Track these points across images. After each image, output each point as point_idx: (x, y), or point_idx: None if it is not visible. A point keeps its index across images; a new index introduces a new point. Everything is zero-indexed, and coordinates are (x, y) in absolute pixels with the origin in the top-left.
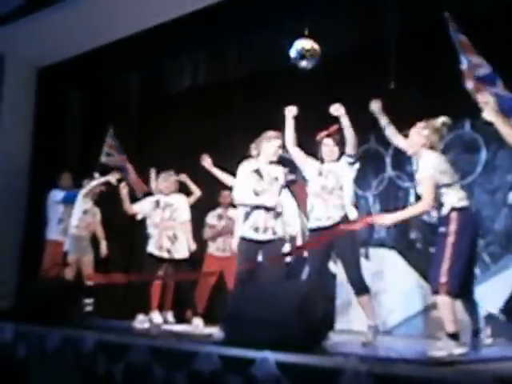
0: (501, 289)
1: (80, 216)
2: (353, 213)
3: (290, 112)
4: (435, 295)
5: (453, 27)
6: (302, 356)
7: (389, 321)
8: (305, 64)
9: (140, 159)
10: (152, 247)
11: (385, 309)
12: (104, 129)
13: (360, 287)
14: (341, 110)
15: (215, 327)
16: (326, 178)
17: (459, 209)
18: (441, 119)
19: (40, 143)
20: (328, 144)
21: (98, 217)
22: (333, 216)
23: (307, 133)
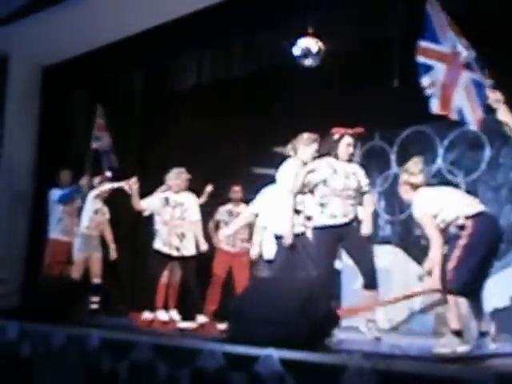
0: (506, 284)
1: (91, 215)
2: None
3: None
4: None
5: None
6: (306, 353)
7: (394, 317)
8: (308, 62)
9: (144, 157)
10: (160, 244)
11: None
12: (108, 126)
13: (372, 280)
14: None
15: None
16: (348, 179)
17: (473, 215)
18: (412, 160)
19: (45, 142)
20: (349, 143)
21: (107, 216)
22: (348, 215)
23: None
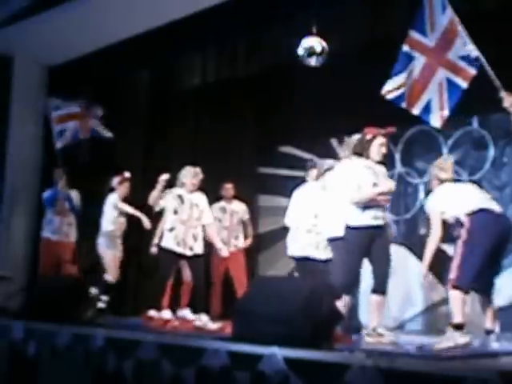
0: (510, 283)
1: (114, 216)
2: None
3: None
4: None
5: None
6: (310, 352)
7: (399, 316)
8: (312, 61)
9: (149, 156)
10: (172, 242)
11: (395, 304)
12: (113, 126)
13: (383, 285)
14: None
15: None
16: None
17: (472, 213)
18: (442, 157)
19: (51, 142)
20: (382, 143)
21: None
22: (384, 217)
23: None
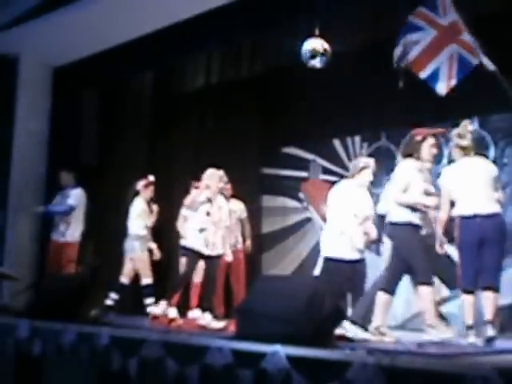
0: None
1: (141, 217)
2: None
3: None
4: None
5: None
6: (312, 350)
7: (400, 315)
8: (315, 63)
9: (153, 156)
10: (200, 243)
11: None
12: (118, 126)
13: (394, 287)
14: None
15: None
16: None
17: (462, 217)
18: (461, 125)
19: (56, 142)
20: (433, 144)
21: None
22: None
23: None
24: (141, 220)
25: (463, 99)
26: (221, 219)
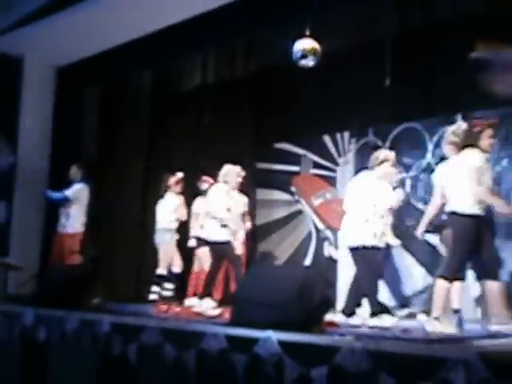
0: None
1: (175, 214)
2: None
3: None
4: None
5: None
6: (302, 335)
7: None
8: (306, 62)
9: (152, 153)
10: (226, 234)
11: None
12: (118, 123)
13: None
14: None
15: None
16: None
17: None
18: (457, 123)
19: (58, 138)
20: (491, 134)
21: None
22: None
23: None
24: (172, 214)
25: (447, 96)
26: (238, 214)
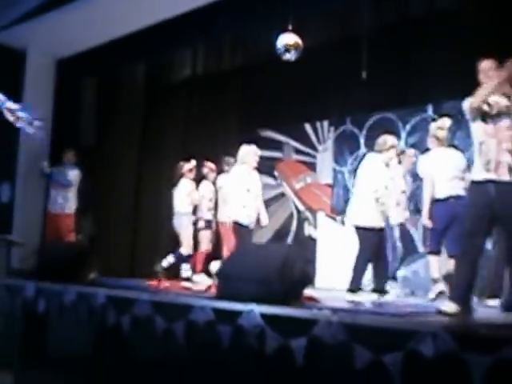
0: None
1: (185, 196)
2: None
3: None
4: None
5: None
6: (283, 308)
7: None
8: (289, 56)
9: (145, 139)
10: (245, 219)
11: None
12: (114, 111)
13: None
14: None
15: None
16: None
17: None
18: (443, 118)
19: (58, 124)
20: None
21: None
22: None
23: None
24: (187, 198)
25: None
26: (257, 194)
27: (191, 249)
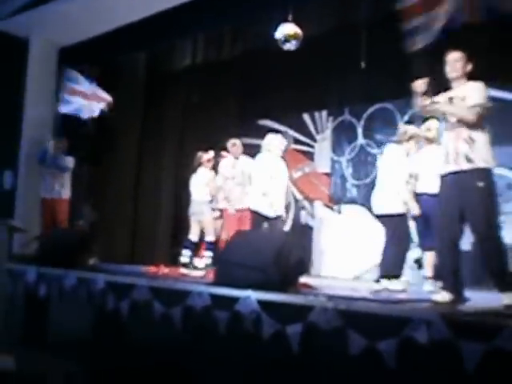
0: None
1: (209, 187)
2: None
3: None
4: None
5: None
6: (279, 295)
7: (359, 267)
8: (288, 46)
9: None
10: (263, 206)
11: (356, 256)
12: (115, 99)
13: None
14: None
15: None
16: None
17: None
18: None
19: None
20: None
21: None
22: None
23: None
24: (207, 187)
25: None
26: (282, 182)
27: (213, 236)
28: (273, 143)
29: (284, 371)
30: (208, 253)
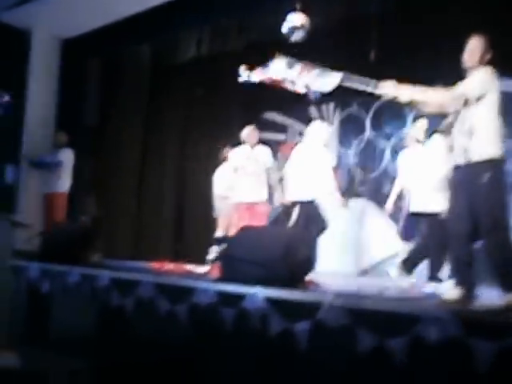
0: None
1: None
2: None
3: None
4: None
5: None
6: (287, 292)
7: (365, 262)
8: (295, 37)
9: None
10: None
11: (362, 251)
12: (118, 92)
13: None
14: None
15: None
16: None
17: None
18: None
19: (62, 105)
20: None
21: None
22: None
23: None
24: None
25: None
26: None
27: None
28: (318, 131)
29: (291, 369)
30: (215, 248)
